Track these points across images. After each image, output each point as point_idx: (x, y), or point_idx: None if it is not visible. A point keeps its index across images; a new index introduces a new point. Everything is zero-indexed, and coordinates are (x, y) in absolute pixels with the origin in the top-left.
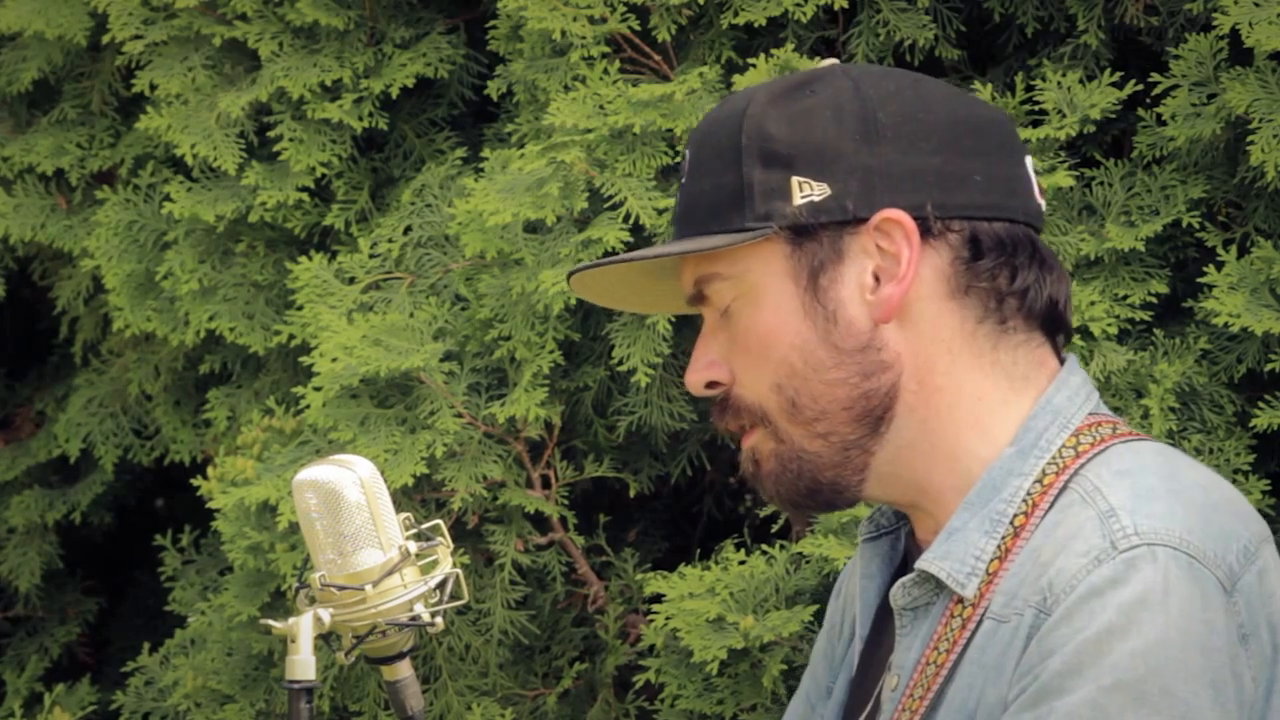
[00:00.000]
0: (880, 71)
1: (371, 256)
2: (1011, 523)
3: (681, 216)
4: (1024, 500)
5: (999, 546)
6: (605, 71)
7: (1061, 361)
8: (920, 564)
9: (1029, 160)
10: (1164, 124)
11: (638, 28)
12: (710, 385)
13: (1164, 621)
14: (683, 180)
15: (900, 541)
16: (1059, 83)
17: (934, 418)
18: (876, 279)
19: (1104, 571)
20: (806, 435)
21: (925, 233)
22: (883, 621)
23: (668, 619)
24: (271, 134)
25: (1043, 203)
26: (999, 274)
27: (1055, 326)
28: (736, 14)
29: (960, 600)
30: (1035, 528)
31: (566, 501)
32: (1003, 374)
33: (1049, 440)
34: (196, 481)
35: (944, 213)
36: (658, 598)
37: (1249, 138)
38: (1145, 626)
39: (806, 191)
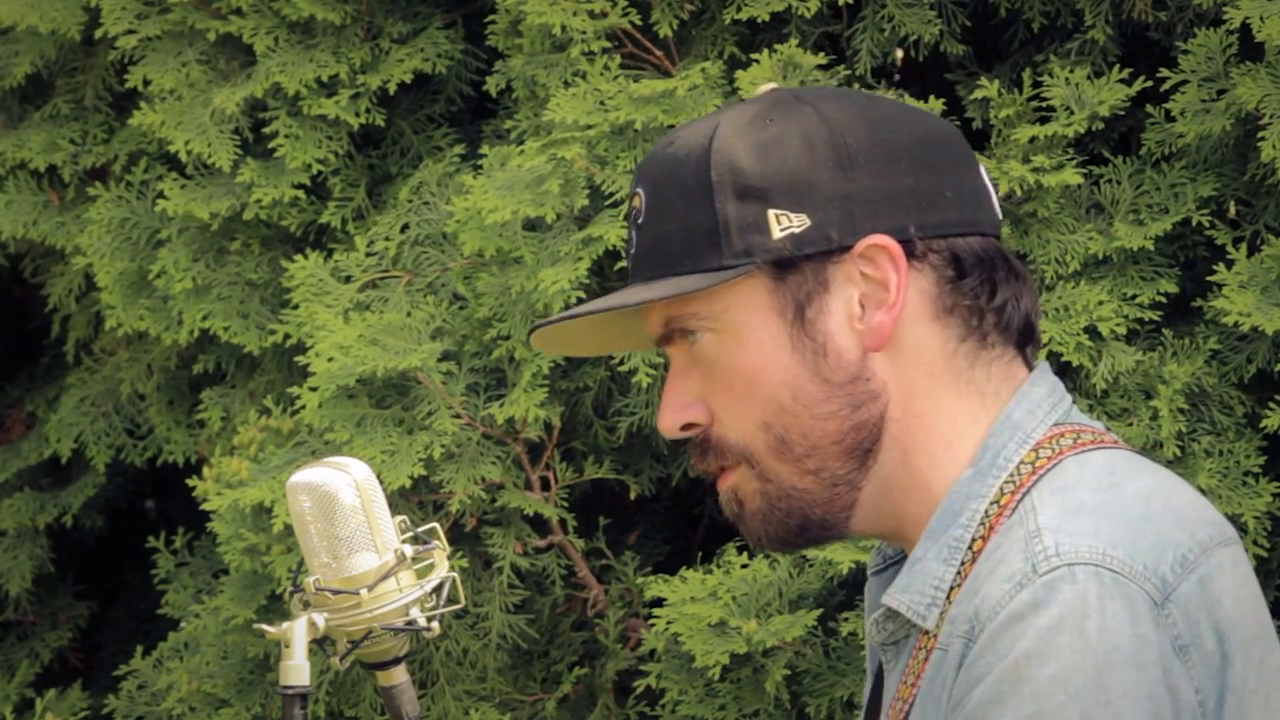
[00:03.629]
0: (832, 93)
1: (368, 255)
2: (970, 547)
3: (646, 259)
4: (981, 524)
5: (958, 574)
6: (606, 67)
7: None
8: (884, 599)
9: (983, 169)
10: (1173, 120)
11: (639, 22)
12: (687, 427)
13: (1081, 645)
14: (638, 222)
15: None
16: (1066, 79)
17: (913, 445)
18: (862, 307)
19: (1024, 596)
20: (796, 472)
21: (909, 255)
22: None
23: (669, 623)
24: (267, 130)
25: (999, 211)
26: (981, 291)
27: (1027, 339)
28: (739, 9)
29: (927, 632)
30: None
31: (566, 504)
32: (976, 392)
33: (1006, 458)
34: (191, 482)
35: (926, 233)
36: (658, 601)
37: (1259, 134)
38: (1064, 651)
39: (785, 224)
